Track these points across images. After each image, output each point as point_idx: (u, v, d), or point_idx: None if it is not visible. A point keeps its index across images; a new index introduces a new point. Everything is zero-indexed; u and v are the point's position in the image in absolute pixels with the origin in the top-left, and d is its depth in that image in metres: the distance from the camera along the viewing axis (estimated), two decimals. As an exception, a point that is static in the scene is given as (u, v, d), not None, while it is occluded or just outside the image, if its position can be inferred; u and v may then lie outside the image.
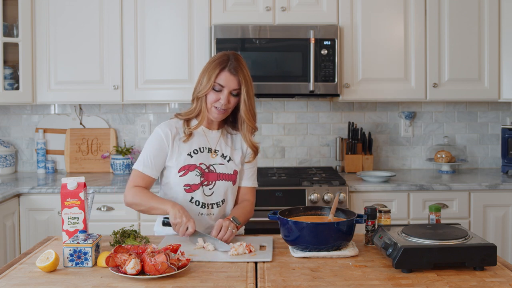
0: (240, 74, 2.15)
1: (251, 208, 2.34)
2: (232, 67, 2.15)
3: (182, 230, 2.06)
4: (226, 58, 2.17)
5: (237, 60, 2.18)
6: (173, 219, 2.07)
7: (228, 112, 2.22)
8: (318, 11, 3.52)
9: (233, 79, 2.15)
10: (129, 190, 2.21)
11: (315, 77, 3.44)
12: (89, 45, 3.54)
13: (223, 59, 2.17)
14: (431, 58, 3.57)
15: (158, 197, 2.21)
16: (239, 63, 2.17)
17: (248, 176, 2.35)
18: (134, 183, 2.22)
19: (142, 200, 2.18)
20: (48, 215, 3.30)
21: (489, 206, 3.37)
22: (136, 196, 2.19)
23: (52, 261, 1.78)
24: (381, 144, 3.98)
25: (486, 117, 4.00)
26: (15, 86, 3.57)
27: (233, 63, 2.16)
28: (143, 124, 3.92)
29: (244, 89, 2.16)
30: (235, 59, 2.17)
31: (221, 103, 2.16)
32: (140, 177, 2.22)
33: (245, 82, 2.16)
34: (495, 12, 3.56)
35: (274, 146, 3.95)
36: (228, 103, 2.17)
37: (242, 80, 2.15)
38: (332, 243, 1.93)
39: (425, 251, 1.75)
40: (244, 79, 2.16)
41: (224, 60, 2.16)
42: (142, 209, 2.21)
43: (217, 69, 2.15)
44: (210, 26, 3.50)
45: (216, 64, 2.16)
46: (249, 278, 1.73)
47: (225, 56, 2.19)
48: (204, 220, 2.26)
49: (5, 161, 3.78)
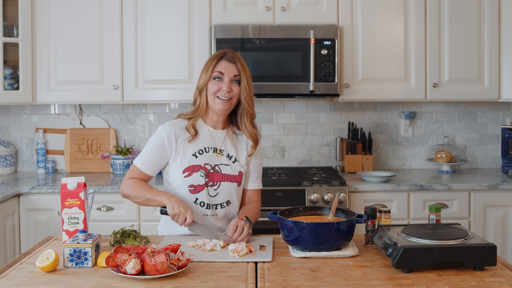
0: (237, 62, 2.22)
1: (259, 209, 2.37)
2: (229, 56, 2.23)
3: (181, 220, 2.10)
4: (223, 51, 2.25)
5: (234, 52, 2.26)
6: (171, 211, 2.11)
7: (232, 102, 2.22)
8: (318, 11, 3.52)
9: (232, 66, 2.21)
10: (125, 182, 2.26)
11: (315, 77, 3.44)
12: (89, 45, 3.54)
13: (220, 52, 2.26)
14: (431, 58, 3.57)
15: (154, 188, 2.23)
16: (235, 54, 2.26)
17: (254, 178, 2.36)
18: (131, 176, 2.26)
19: (138, 192, 2.21)
20: (48, 215, 3.30)
21: (489, 206, 3.37)
22: (132, 187, 2.23)
23: (52, 261, 1.78)
24: (381, 144, 3.98)
25: (486, 117, 4.00)
26: (15, 86, 3.57)
27: (230, 53, 2.24)
28: (143, 124, 3.92)
29: (244, 77, 2.21)
30: (231, 52, 2.26)
31: (223, 91, 2.19)
32: (137, 172, 2.26)
33: (243, 70, 2.22)
34: (495, 12, 3.56)
35: (274, 146, 3.95)
36: (231, 90, 2.19)
37: (241, 68, 2.21)
38: (332, 243, 1.93)
39: (425, 251, 1.75)
40: (243, 67, 2.22)
41: (221, 52, 2.25)
42: (139, 200, 2.24)
43: (215, 59, 2.23)
44: (210, 26, 3.50)
45: (213, 57, 2.25)
46: (249, 278, 1.73)
47: (222, 50, 2.26)
48: (209, 221, 2.26)
49: (5, 161, 3.78)
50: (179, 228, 2.20)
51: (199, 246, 2.04)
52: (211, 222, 2.26)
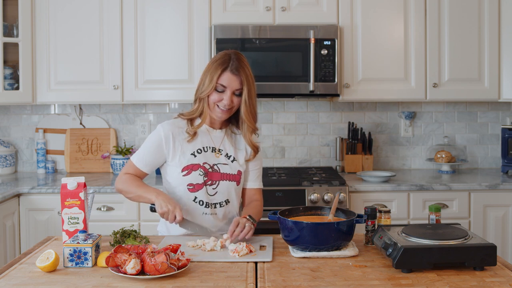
0: (242, 74, 2.15)
1: (261, 208, 2.35)
2: (234, 67, 2.14)
3: (171, 218, 2.09)
4: (227, 58, 2.16)
5: (239, 59, 2.17)
6: (159, 209, 2.10)
7: (231, 111, 2.21)
8: (318, 11, 3.52)
9: (235, 79, 2.14)
10: (120, 177, 2.27)
11: (315, 77, 3.44)
12: (89, 45, 3.54)
13: (224, 59, 2.16)
14: (431, 58, 3.57)
15: (146, 185, 2.23)
16: (240, 62, 2.16)
17: (254, 177, 2.36)
18: (126, 171, 2.28)
19: (130, 188, 2.23)
20: (48, 215, 3.30)
21: (489, 206, 3.37)
22: (125, 183, 2.24)
23: (52, 261, 1.78)
24: (381, 144, 3.98)
25: (486, 117, 4.00)
26: (15, 86, 3.57)
27: (235, 63, 2.15)
28: (143, 124, 3.92)
29: (246, 89, 2.16)
30: (236, 59, 2.16)
31: (224, 103, 2.15)
32: (133, 168, 2.27)
33: (247, 82, 2.16)
34: (495, 12, 3.56)
35: (274, 146, 3.95)
36: (232, 103, 2.17)
37: (244, 80, 2.15)
38: (332, 243, 1.93)
39: (425, 251, 1.75)
40: (246, 78, 2.16)
41: (226, 60, 2.16)
42: (130, 196, 2.25)
43: (219, 69, 2.14)
44: (210, 26, 3.50)
45: (218, 65, 2.15)
46: (249, 278, 1.73)
47: (227, 56, 2.18)
48: (209, 220, 2.26)
49: (5, 161, 3.78)
50: (177, 228, 2.20)
51: (199, 246, 2.04)
52: (211, 221, 2.26)
